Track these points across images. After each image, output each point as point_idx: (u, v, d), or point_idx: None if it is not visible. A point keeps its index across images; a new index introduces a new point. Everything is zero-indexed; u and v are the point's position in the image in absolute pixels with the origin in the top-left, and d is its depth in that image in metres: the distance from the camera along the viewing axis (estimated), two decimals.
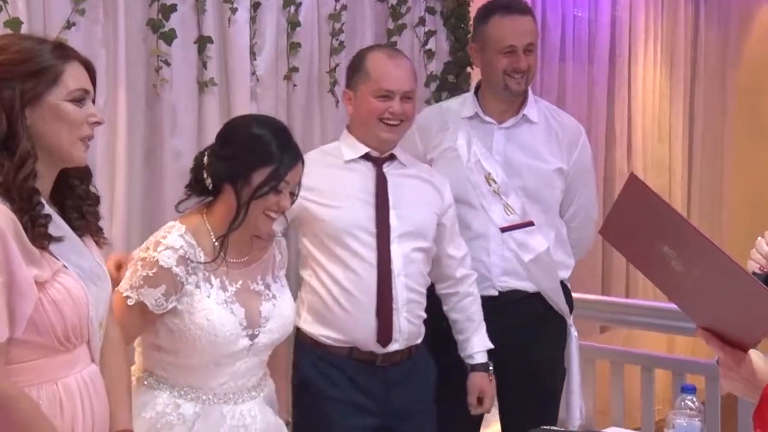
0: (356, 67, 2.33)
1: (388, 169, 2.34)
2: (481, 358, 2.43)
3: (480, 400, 2.43)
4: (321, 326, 2.26)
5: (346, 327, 2.26)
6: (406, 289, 2.29)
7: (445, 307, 2.47)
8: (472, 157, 2.55)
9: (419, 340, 2.37)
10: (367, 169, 2.32)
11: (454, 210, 2.45)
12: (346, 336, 2.27)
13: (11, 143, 1.47)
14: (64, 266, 1.52)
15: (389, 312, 2.26)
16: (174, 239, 1.86)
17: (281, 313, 1.99)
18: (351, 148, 2.33)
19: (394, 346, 2.28)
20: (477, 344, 2.43)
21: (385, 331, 2.26)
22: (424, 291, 2.38)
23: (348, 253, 2.25)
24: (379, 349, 2.28)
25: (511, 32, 2.51)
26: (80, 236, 1.60)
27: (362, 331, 2.26)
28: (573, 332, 2.67)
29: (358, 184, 2.30)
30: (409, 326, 2.30)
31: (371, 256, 2.26)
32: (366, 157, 2.33)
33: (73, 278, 1.52)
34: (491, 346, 2.44)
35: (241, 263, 1.96)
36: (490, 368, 2.44)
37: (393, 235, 2.28)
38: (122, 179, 2.38)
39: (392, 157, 2.36)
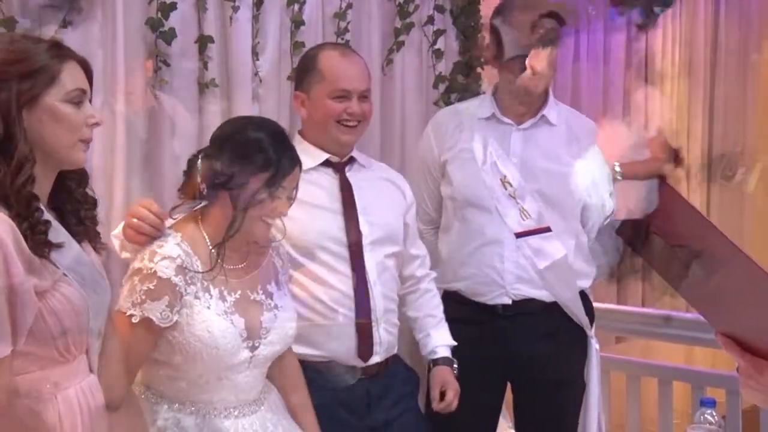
0: (307, 68, 2.24)
1: (350, 173, 2.27)
2: (443, 352, 2.34)
3: (442, 394, 2.31)
4: (296, 343, 2.13)
5: (324, 342, 2.18)
6: (382, 298, 2.22)
7: (403, 308, 2.40)
8: (488, 159, 2.47)
9: (395, 350, 2.30)
10: (330, 177, 2.25)
11: (415, 208, 2.39)
12: (323, 351, 2.19)
13: (8, 146, 1.43)
14: (64, 274, 1.47)
15: (369, 324, 2.19)
16: (171, 248, 1.80)
17: (283, 325, 1.94)
18: (308, 155, 2.20)
19: (374, 359, 2.22)
20: (438, 339, 2.35)
21: (365, 345, 2.19)
22: (397, 298, 2.31)
23: (320, 266, 2.17)
24: (359, 363, 2.21)
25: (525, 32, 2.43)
26: (78, 242, 1.55)
27: (341, 346, 2.19)
28: (594, 344, 2.58)
29: (322, 193, 2.22)
30: (388, 337, 2.24)
31: (344, 266, 2.18)
32: (326, 163, 2.25)
33: (73, 286, 1.48)
34: (453, 342, 2.36)
35: (241, 270, 1.90)
36: (455, 365, 2.34)
37: (365, 242, 2.21)
38: (120, 183, 2.35)
39: (351, 160, 2.29)
